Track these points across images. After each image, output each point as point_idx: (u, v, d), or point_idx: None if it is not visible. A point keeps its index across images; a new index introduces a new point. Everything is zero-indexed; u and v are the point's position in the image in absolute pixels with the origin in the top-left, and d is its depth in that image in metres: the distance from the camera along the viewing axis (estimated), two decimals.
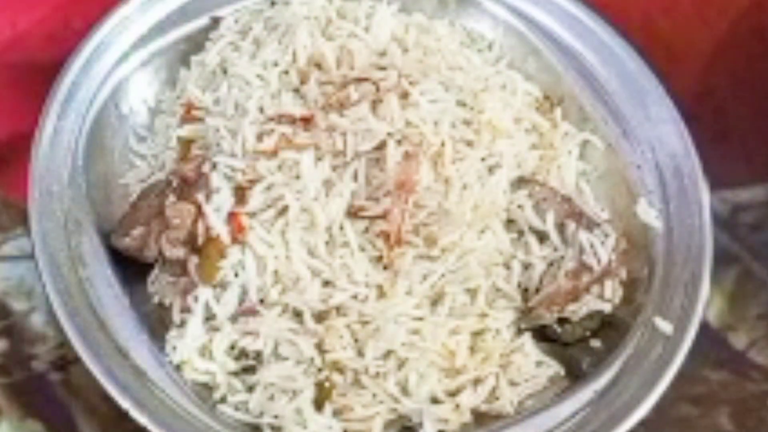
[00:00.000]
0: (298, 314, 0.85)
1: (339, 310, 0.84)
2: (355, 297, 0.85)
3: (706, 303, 0.89)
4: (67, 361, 0.87)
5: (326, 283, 0.85)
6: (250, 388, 0.84)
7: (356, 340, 0.84)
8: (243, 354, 0.85)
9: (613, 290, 0.89)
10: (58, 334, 0.83)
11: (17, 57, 0.99)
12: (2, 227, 0.93)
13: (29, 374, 0.88)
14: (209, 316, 0.85)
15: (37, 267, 0.84)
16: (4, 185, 0.94)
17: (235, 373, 0.85)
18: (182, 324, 0.85)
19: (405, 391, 0.84)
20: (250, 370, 0.85)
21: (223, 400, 0.84)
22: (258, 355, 0.84)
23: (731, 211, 1.00)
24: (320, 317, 0.85)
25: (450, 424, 0.84)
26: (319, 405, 0.83)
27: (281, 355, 0.84)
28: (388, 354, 0.84)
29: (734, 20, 1.07)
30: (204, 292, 0.85)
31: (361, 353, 0.84)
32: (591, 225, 0.90)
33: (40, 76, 0.93)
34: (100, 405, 0.83)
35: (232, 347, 0.85)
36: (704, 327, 0.89)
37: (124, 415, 0.80)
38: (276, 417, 0.83)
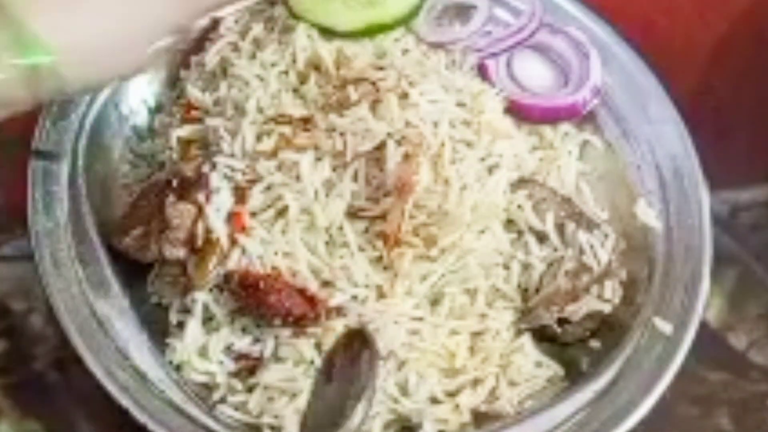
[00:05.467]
0: None
1: (339, 310, 0.84)
2: (354, 297, 0.85)
3: (706, 303, 0.89)
4: (67, 361, 0.87)
5: (326, 284, 0.85)
6: (250, 389, 0.84)
7: None
8: (242, 355, 0.85)
9: (612, 290, 0.89)
10: (58, 334, 0.82)
11: None
12: (2, 227, 0.93)
13: (29, 374, 0.88)
14: (209, 317, 0.85)
15: (37, 267, 0.84)
16: (4, 185, 0.94)
17: (235, 374, 0.85)
18: (180, 324, 0.85)
19: (404, 391, 0.84)
20: (249, 370, 0.85)
21: (222, 400, 0.84)
22: (258, 356, 0.85)
23: (731, 211, 1.00)
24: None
25: (449, 424, 0.84)
26: None
27: (281, 356, 0.84)
28: (387, 354, 0.84)
29: (734, 20, 1.07)
30: (203, 293, 0.85)
31: None
32: (590, 225, 0.90)
33: None
34: (100, 405, 0.83)
35: (232, 348, 0.85)
36: (704, 327, 0.89)
37: (124, 415, 0.80)
38: (276, 417, 0.83)
